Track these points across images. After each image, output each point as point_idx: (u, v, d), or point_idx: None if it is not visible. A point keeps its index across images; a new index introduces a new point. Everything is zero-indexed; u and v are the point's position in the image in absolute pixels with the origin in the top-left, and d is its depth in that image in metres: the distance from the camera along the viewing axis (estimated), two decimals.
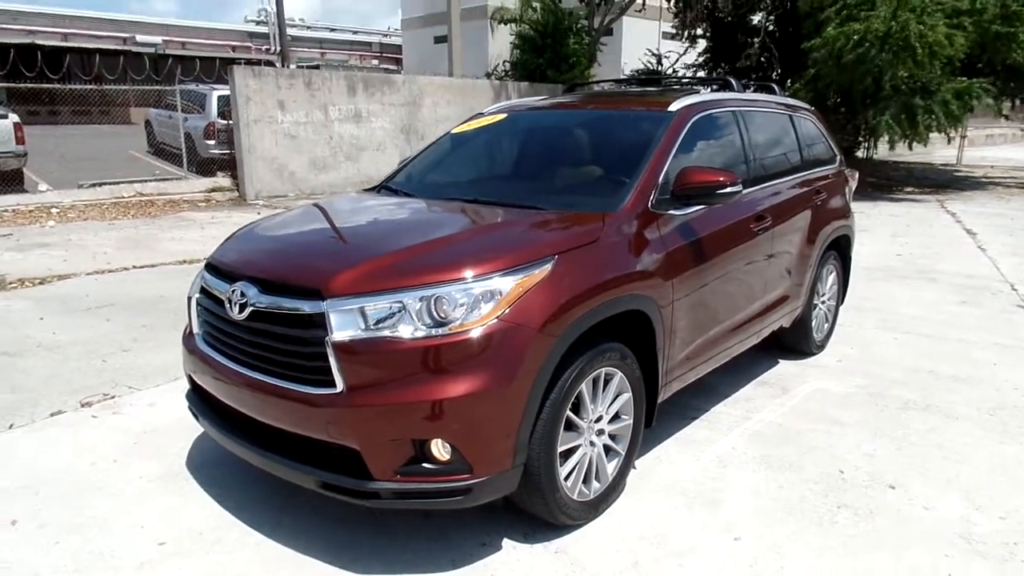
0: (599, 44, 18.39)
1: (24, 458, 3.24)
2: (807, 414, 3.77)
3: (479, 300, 2.29)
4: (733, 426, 3.62)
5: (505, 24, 19.37)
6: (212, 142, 13.33)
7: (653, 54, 18.75)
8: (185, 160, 12.46)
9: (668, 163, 3.09)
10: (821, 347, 4.71)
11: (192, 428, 3.49)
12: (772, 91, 4.49)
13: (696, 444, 3.42)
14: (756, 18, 17.17)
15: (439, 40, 32.94)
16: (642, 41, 26.15)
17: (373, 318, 2.28)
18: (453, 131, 4.02)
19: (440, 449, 2.27)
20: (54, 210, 10.23)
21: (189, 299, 2.86)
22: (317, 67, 20.61)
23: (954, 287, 6.62)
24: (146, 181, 12.00)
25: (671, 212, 3.02)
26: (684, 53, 17.97)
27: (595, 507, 2.75)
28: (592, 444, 2.70)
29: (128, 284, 6.46)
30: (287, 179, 12.52)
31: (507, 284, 2.33)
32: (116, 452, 3.30)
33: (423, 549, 2.58)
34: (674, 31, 19.04)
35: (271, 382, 2.40)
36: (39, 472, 3.11)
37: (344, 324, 2.27)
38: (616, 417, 2.80)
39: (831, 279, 4.72)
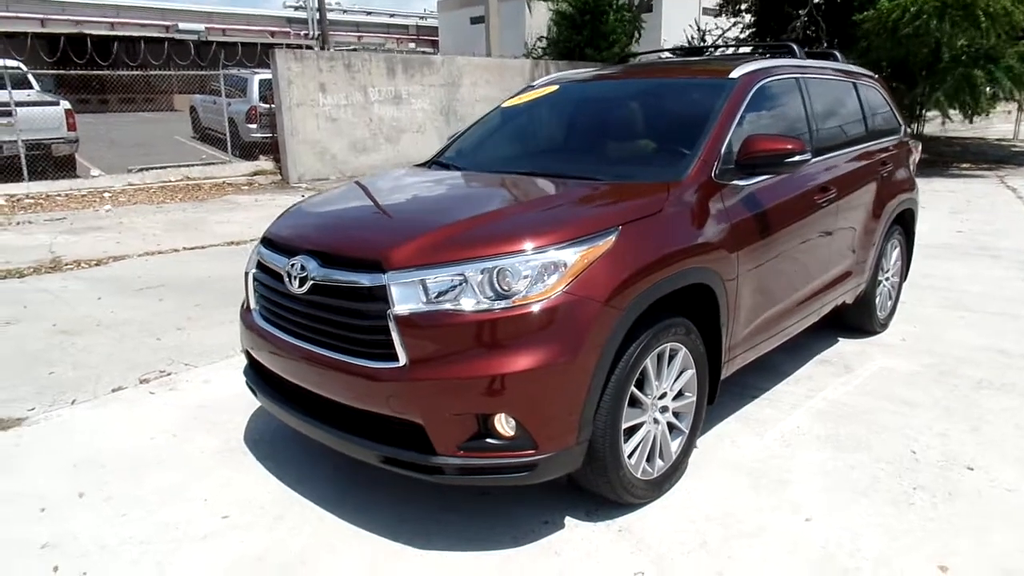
0: (640, 21, 18.02)
1: (88, 432, 3.30)
2: (873, 393, 3.63)
3: (543, 272, 2.22)
4: (796, 405, 3.50)
5: (545, 0, 19.13)
6: (254, 126, 13.47)
7: (698, 28, 18.30)
8: (229, 144, 12.60)
9: (731, 131, 2.97)
10: (884, 325, 4.54)
11: (249, 404, 3.52)
12: (835, 58, 4.30)
13: (758, 423, 3.32)
14: None
15: (475, 21, 32.74)
16: (682, 16, 25.59)
17: (434, 291, 2.23)
18: (503, 105, 3.94)
19: (504, 424, 2.22)
20: (106, 194, 10.45)
21: (246, 274, 2.85)
22: (354, 50, 20.65)
23: (1019, 264, 6.33)
24: (192, 165, 12.18)
25: (735, 182, 2.90)
26: (729, 28, 17.49)
27: (659, 486, 2.68)
28: (656, 421, 2.62)
29: (179, 265, 6.56)
30: (328, 162, 12.58)
31: (571, 256, 2.26)
32: (175, 427, 3.33)
33: (485, 526, 2.54)
34: (718, 7, 18.53)
35: (332, 356, 2.37)
36: (103, 446, 3.16)
37: (405, 297, 2.22)
38: (679, 394, 2.72)
39: (895, 255, 4.54)
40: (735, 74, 3.23)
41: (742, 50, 11.70)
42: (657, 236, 2.51)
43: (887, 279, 4.48)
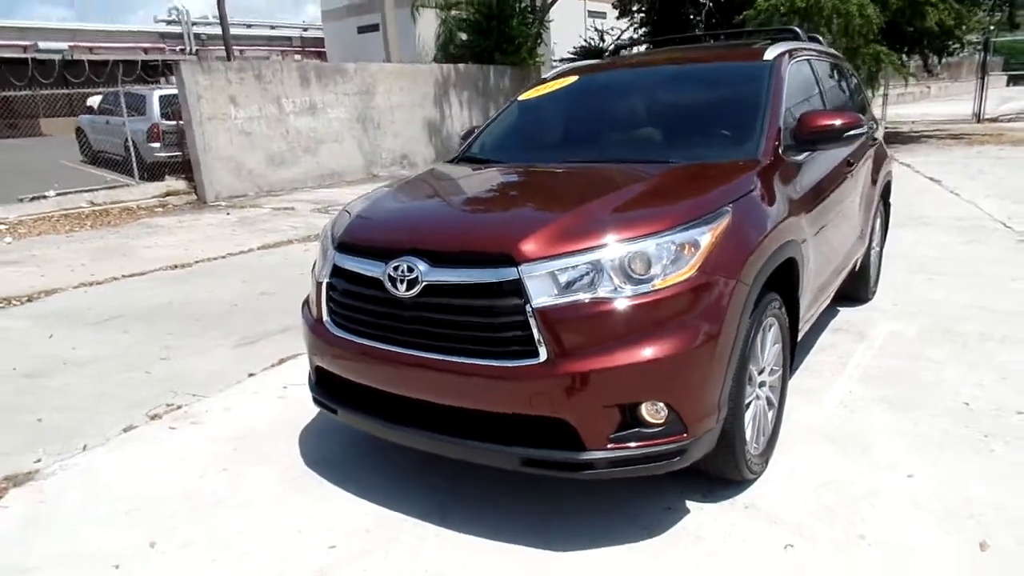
0: (544, 24, 18.30)
1: (119, 478, 2.95)
2: (897, 355, 3.82)
3: (679, 252, 2.18)
4: (835, 372, 3.63)
5: (441, 10, 19.04)
6: (157, 145, 12.56)
7: (596, 30, 18.79)
8: (135, 166, 11.72)
9: (783, 110, 3.05)
10: (873, 292, 4.79)
11: (292, 428, 3.29)
12: (819, 42, 4.50)
13: (811, 392, 3.41)
14: None
15: (363, 30, 32.16)
16: (569, 21, 26.28)
17: (568, 280, 2.14)
18: (520, 99, 3.85)
19: (653, 411, 2.16)
20: (1, 226, 9.46)
21: (319, 284, 2.64)
22: (265, 59, 19.75)
23: (952, 229, 6.86)
24: (95, 190, 11.22)
25: (793, 158, 2.98)
26: (626, 29, 18.08)
27: (764, 459, 2.70)
28: (758, 397, 2.64)
29: (126, 294, 6.01)
30: (245, 177, 11.96)
31: (703, 234, 2.23)
32: (220, 461, 3.04)
33: (605, 521, 2.46)
34: (614, 8, 19.10)
35: (454, 360, 2.23)
36: (145, 491, 2.83)
37: (541, 290, 2.12)
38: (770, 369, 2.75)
39: (878, 224, 4.80)
40: (768, 56, 3.31)
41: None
42: (760, 212, 2.53)
43: (874, 248, 4.73)
